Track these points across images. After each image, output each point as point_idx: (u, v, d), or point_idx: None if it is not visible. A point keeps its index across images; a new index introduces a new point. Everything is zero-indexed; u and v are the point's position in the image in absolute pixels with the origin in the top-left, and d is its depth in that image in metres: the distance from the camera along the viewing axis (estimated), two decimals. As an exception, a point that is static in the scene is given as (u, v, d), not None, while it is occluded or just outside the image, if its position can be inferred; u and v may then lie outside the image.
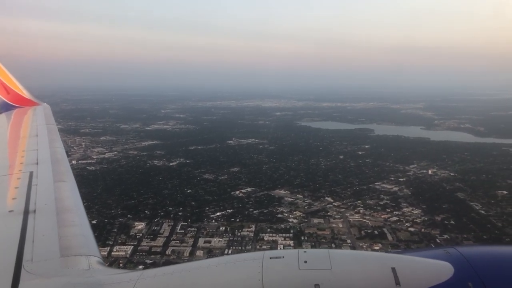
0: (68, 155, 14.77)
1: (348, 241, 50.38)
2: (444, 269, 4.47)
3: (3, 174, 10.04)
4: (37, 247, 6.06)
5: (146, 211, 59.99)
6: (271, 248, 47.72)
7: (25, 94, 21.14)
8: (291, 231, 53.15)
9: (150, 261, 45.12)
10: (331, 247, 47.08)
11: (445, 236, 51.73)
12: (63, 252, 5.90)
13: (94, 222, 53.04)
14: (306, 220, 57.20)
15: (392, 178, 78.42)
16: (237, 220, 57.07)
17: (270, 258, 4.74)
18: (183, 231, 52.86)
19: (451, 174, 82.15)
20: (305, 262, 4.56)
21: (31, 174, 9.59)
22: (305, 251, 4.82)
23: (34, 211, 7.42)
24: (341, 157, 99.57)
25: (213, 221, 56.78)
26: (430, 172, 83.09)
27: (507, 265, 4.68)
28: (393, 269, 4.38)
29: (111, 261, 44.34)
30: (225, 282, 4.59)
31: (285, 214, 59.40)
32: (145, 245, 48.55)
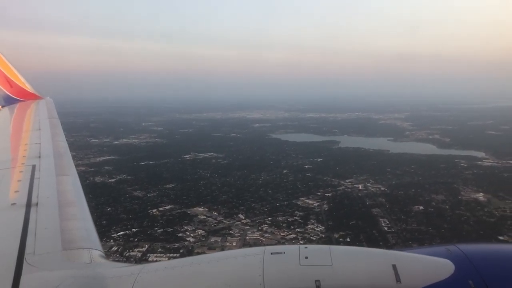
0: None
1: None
2: (444, 266, 4.48)
3: (6, 167, 10.09)
4: (39, 240, 6.10)
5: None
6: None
7: (28, 87, 21.55)
8: (180, 251, 53.67)
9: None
10: None
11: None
12: (65, 245, 5.94)
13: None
14: (204, 239, 57.68)
15: (319, 194, 78.55)
16: (136, 239, 57.71)
17: (271, 253, 4.74)
18: (74, 251, 53.48)
19: (382, 188, 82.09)
20: (306, 258, 4.56)
21: (33, 167, 9.66)
22: (306, 247, 4.80)
23: (37, 204, 7.49)
24: (285, 171, 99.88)
25: (111, 241, 57.47)
26: (360, 187, 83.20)
27: (508, 263, 4.67)
28: (394, 266, 4.38)
29: None
30: (226, 277, 4.59)
31: (187, 233, 59.93)
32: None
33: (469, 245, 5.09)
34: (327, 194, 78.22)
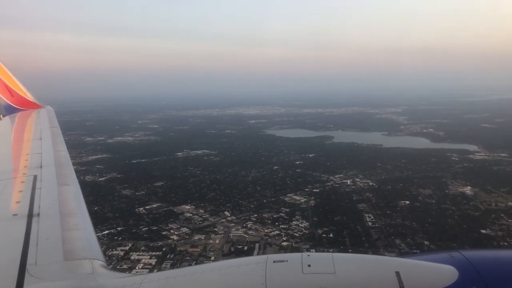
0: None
1: (212, 258, 50.75)
2: (448, 273, 4.45)
3: (7, 177, 10.11)
4: (41, 250, 6.12)
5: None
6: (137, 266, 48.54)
7: (29, 97, 21.59)
8: (163, 249, 53.78)
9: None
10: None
11: (312, 250, 51.99)
12: (67, 255, 5.96)
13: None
14: (187, 237, 57.79)
15: (307, 189, 78.64)
16: (120, 238, 57.86)
17: (274, 262, 4.72)
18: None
19: (370, 183, 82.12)
20: (309, 266, 4.55)
21: (35, 177, 9.71)
22: (308, 255, 4.78)
23: (38, 214, 7.50)
24: (275, 167, 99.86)
25: (95, 239, 57.49)
26: (349, 182, 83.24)
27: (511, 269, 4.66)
28: (397, 273, 4.36)
29: None
30: (229, 286, 4.59)
31: (171, 231, 60.03)
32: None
33: (472, 251, 5.08)
34: (315, 190, 78.30)
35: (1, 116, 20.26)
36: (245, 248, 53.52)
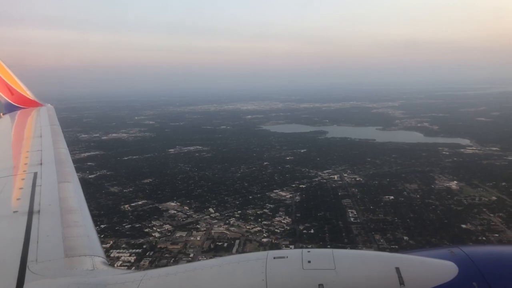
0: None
1: (191, 255, 51.01)
2: (448, 268, 4.48)
3: (8, 174, 10.16)
4: (42, 247, 6.15)
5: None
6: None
7: (29, 95, 21.68)
8: (144, 246, 54.04)
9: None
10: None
11: (291, 246, 52.18)
12: (68, 252, 6.01)
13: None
14: (169, 234, 58.05)
15: (294, 185, 78.75)
16: (102, 236, 58.05)
17: (274, 258, 4.76)
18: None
19: (357, 179, 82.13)
20: (309, 262, 4.58)
21: (35, 174, 9.75)
22: (308, 251, 4.82)
23: (39, 211, 7.54)
24: (266, 163, 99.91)
25: (78, 237, 57.86)
26: (336, 177, 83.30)
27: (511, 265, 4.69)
28: (397, 269, 4.40)
29: None
30: (229, 282, 4.60)
31: (154, 228, 60.30)
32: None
33: (472, 247, 5.21)
34: (301, 186, 78.38)
35: (1, 114, 20.46)
36: (225, 245, 53.67)
